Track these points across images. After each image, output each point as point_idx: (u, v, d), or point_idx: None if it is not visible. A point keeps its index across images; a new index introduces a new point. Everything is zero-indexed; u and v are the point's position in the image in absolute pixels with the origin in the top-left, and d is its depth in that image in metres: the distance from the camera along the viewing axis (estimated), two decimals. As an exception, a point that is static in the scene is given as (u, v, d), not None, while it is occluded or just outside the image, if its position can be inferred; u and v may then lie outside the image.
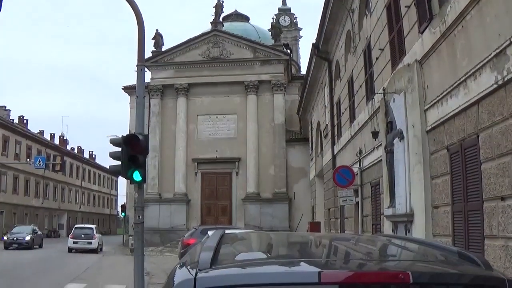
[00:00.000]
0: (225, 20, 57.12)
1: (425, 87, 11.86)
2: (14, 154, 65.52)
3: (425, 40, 11.48)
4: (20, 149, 67.42)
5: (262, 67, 49.40)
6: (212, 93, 49.33)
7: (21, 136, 68.27)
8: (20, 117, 74.11)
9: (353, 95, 21.70)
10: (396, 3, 14.09)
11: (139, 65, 13.80)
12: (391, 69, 14.93)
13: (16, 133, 66.97)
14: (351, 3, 21.04)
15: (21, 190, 68.25)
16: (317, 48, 28.34)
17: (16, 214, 66.20)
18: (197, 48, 50.33)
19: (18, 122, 72.11)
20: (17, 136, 67.19)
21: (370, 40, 18.03)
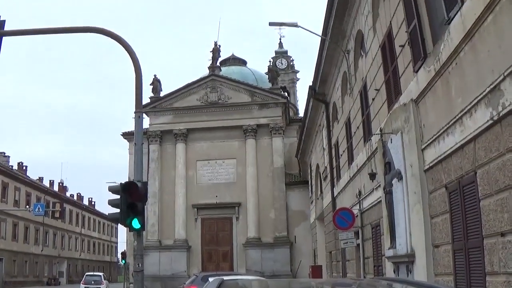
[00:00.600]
0: (223, 64, 57.69)
1: (422, 126, 11.85)
2: (13, 200, 65.29)
3: (420, 79, 11.51)
4: (19, 196, 67.16)
5: (260, 111, 49.63)
6: (210, 138, 49.50)
7: (20, 183, 68.08)
8: (19, 164, 74.21)
9: (351, 136, 21.71)
10: (390, 43, 14.18)
11: (137, 112, 13.86)
12: (388, 109, 14.94)
13: (15, 180, 66.78)
14: (346, 44, 21.21)
15: (21, 237, 67.76)
16: (314, 90, 28.47)
17: (16, 262, 65.70)
18: (195, 93, 50.66)
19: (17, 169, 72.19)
20: (17, 182, 66.99)
21: (366, 81, 18.10)
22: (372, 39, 16.56)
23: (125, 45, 13.99)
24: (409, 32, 12.01)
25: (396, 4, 13.16)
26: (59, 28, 15.12)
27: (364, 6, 17.37)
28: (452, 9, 9.15)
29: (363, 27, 17.99)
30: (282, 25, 23.41)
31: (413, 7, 11.48)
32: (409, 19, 11.96)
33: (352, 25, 19.83)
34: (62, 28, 15.10)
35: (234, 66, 61.12)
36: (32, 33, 15.36)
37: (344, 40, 21.41)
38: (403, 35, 12.66)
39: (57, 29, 15.16)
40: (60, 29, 15.20)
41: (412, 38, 11.80)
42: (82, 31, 14.99)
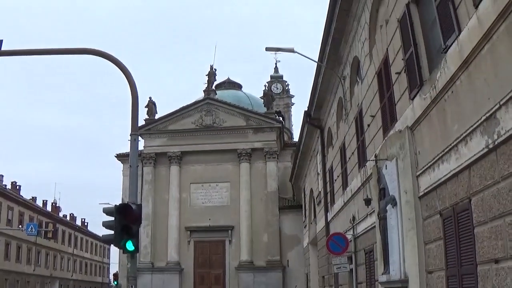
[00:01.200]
0: (218, 88, 57.91)
1: (417, 153, 11.90)
2: (6, 220, 64.80)
3: (415, 106, 11.58)
4: (12, 215, 66.64)
5: (255, 135, 49.74)
6: (205, 161, 49.56)
7: (14, 202, 67.59)
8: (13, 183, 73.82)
9: (345, 162, 21.75)
10: (386, 70, 14.28)
11: (133, 134, 13.89)
12: (383, 135, 15.00)
13: (8, 199, 66.30)
14: (342, 70, 21.34)
15: (13, 256, 67.19)
16: (309, 115, 28.57)
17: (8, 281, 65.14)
18: (190, 116, 50.80)
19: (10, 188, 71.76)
20: (10, 202, 66.50)
21: (361, 107, 18.17)
22: (368, 66, 16.68)
23: (123, 68, 14.03)
24: (405, 59, 12.10)
25: (393, 32, 13.29)
26: (57, 49, 15.17)
27: (361, 33, 17.51)
28: (449, 37, 9.24)
29: (359, 53, 18.12)
30: (279, 50, 23.51)
31: (410, 35, 11.59)
32: (405, 46, 12.07)
33: (348, 52, 19.98)
34: (60, 49, 15.15)
35: (230, 90, 61.34)
36: (30, 53, 15.38)
37: (340, 66, 21.56)
38: (399, 63, 12.76)
39: (55, 50, 15.21)
40: (58, 50, 15.25)
41: (409, 65, 11.89)
42: (80, 52, 15.02)
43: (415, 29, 11.49)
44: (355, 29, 18.44)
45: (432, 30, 10.77)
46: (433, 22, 10.52)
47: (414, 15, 11.59)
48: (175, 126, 50.80)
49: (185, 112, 51.09)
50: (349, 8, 18.09)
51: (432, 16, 10.52)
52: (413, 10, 11.64)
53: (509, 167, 7.33)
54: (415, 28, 11.50)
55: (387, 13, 14.05)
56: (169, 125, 50.97)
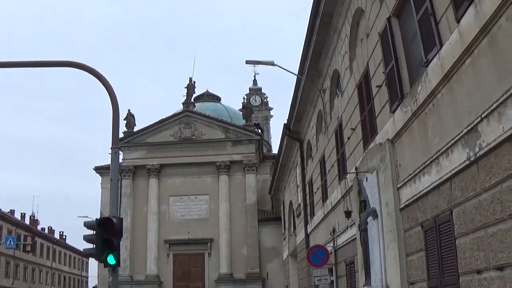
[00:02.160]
0: (197, 100, 57.96)
1: (398, 166, 11.97)
2: (-15, 233, 64.21)
3: (396, 119, 11.67)
4: (-10, 228, 66.10)
5: (233, 148, 49.79)
6: (184, 174, 49.44)
7: (-8, 215, 67.03)
8: (-10, 196, 73.16)
9: (325, 174, 21.82)
10: (367, 83, 14.38)
11: (113, 148, 13.83)
12: (363, 148, 15.08)
13: (-14, 212, 65.73)
14: (322, 83, 21.44)
15: (-9, 269, 66.58)
16: (289, 128, 28.65)
17: (-14, 294, 64.47)
18: (169, 129, 50.74)
19: (-12, 201, 71.17)
20: (-13, 215, 65.94)
21: (341, 120, 18.26)
22: (348, 79, 16.79)
23: (104, 82, 13.99)
24: (386, 73, 12.20)
25: (373, 45, 13.41)
26: (39, 62, 15.09)
27: (341, 46, 17.63)
28: (431, 51, 9.35)
29: (339, 66, 18.23)
30: (259, 63, 23.58)
31: (391, 49, 11.70)
32: (386, 60, 12.18)
33: (328, 65, 20.09)
34: (42, 62, 15.07)
35: (209, 102, 61.37)
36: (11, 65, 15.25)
37: (320, 79, 21.66)
38: (380, 76, 12.86)
39: (37, 63, 15.12)
40: (40, 63, 15.17)
41: (389, 79, 11.99)
42: (63, 65, 14.95)
43: (396, 43, 11.60)
44: (335, 42, 18.56)
45: (413, 43, 10.89)
46: (414, 36, 10.64)
47: (395, 28, 11.71)
48: (154, 138, 50.68)
49: (164, 124, 51.00)
50: (329, 22, 18.21)
51: (413, 30, 10.64)
52: (394, 23, 11.76)
53: (490, 179, 7.42)
54: (396, 42, 11.61)
55: (368, 27, 14.17)
56: (147, 138, 50.83)
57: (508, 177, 6.93)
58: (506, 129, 6.86)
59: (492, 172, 7.39)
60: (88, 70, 14.14)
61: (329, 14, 17.85)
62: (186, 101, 52.31)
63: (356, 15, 15.66)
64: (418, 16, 9.95)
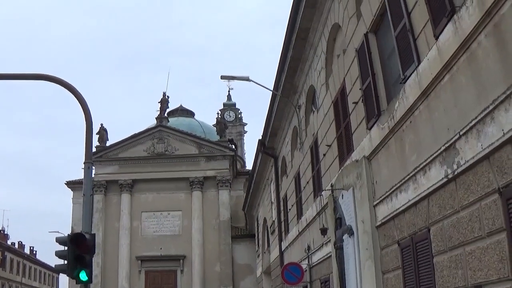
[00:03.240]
0: (171, 115, 57.89)
1: (374, 183, 11.96)
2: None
3: (373, 136, 11.66)
4: (-41, 243, 65.29)
5: (207, 163, 49.74)
6: (156, 190, 49.20)
7: (-40, 230, 66.23)
8: (-41, 211, 72.45)
9: (300, 191, 21.79)
10: (343, 100, 14.39)
11: (86, 162, 13.67)
12: (339, 165, 15.07)
13: (-46, 227, 64.89)
14: (298, 99, 21.45)
15: (-41, 285, 65.65)
16: (263, 144, 28.62)
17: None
18: (142, 144, 50.55)
19: (-43, 215, 70.37)
20: (-44, 229, 65.13)
21: (317, 136, 18.27)
22: (324, 95, 16.80)
23: (78, 95, 13.82)
24: (363, 89, 12.21)
25: (350, 61, 13.42)
26: (11, 75, 14.85)
27: (318, 62, 17.65)
28: (408, 68, 9.36)
29: (315, 82, 18.25)
30: (234, 78, 23.57)
31: (368, 65, 11.71)
32: (363, 76, 12.20)
33: (304, 81, 20.12)
34: (15, 74, 14.85)
35: (182, 117, 61.26)
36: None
37: (296, 95, 21.68)
38: (356, 92, 12.87)
39: (9, 75, 14.87)
40: (12, 76, 14.93)
41: (366, 95, 12.00)
42: (36, 78, 14.74)
43: (373, 59, 11.61)
44: (311, 58, 18.59)
45: (390, 60, 10.92)
46: (391, 52, 10.67)
47: (373, 45, 11.74)
48: (127, 153, 50.42)
49: (137, 139, 50.81)
50: (306, 37, 18.23)
51: (390, 46, 10.67)
52: (372, 40, 11.79)
53: (468, 197, 7.41)
54: (373, 58, 11.62)
55: (344, 43, 14.20)
56: (120, 153, 50.55)
57: (487, 195, 6.92)
58: (485, 147, 6.85)
59: (470, 190, 7.38)
60: (63, 84, 13.96)
61: (306, 29, 17.88)
62: (160, 116, 52.21)
63: (333, 30, 15.69)
64: (396, 32, 9.96)
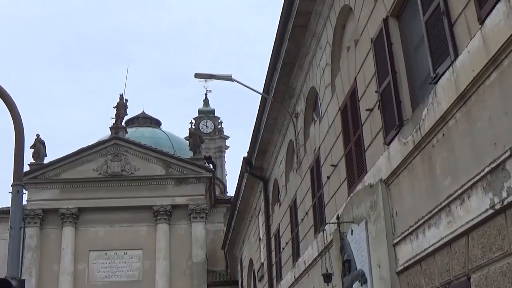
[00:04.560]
0: (130, 124, 58.07)
1: (394, 215, 11.89)
2: None
3: (392, 154, 11.58)
4: None
5: (177, 188, 49.60)
6: (110, 221, 48.96)
7: None
8: None
9: (297, 225, 21.76)
10: (354, 106, 14.31)
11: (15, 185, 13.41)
12: (348, 191, 15.05)
13: None
14: (295, 105, 21.38)
15: None
16: (250, 163, 28.54)
17: None
18: (92, 161, 50.27)
19: None
20: None
21: (319, 154, 18.25)
22: (329, 100, 16.76)
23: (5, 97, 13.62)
24: (380, 92, 12.13)
25: (364, 55, 13.33)
26: None
27: (321, 57, 17.60)
28: (441, 63, 9.24)
29: (317, 83, 18.23)
30: (212, 78, 23.42)
31: (387, 60, 11.60)
32: (381, 75, 12.11)
33: (303, 81, 20.11)
34: None
35: (145, 127, 61.23)
36: None
37: (292, 99, 21.65)
38: (371, 96, 12.81)
39: None
40: None
41: (384, 100, 11.91)
42: None
43: (395, 52, 11.56)
44: (313, 51, 18.57)
45: (417, 53, 10.89)
46: (419, 43, 10.64)
47: (394, 33, 11.68)
48: (71, 173, 50.08)
49: (85, 155, 50.50)
50: (306, 24, 18.22)
51: (418, 35, 10.64)
52: (393, 27, 11.73)
53: (523, 234, 7.29)
54: (395, 51, 11.56)
55: (357, 31, 14.18)
56: (63, 173, 50.22)
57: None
58: (546, 168, 6.71)
59: (526, 225, 7.26)
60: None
61: (306, 13, 17.84)
62: (115, 125, 51.95)
63: (342, 15, 15.70)
64: (425, 16, 9.88)
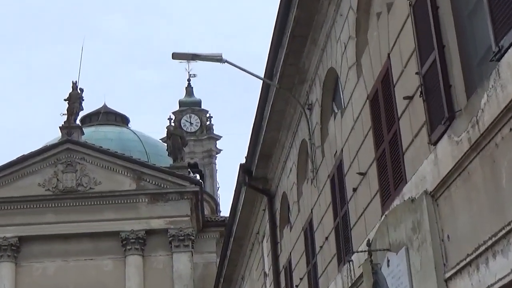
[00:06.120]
0: (87, 122, 58.27)
1: (445, 239, 11.81)
2: None
3: (441, 157, 11.50)
4: None
5: (152, 207, 49.68)
6: (62, 254, 49.21)
7: None
8: None
9: (314, 254, 21.77)
10: (387, 93, 14.21)
11: None
12: (381, 208, 15.01)
13: None
14: (307, 93, 21.32)
15: None
16: (249, 172, 28.46)
17: None
18: (36, 173, 50.35)
19: None
20: None
21: (341, 158, 18.24)
22: (354, 85, 16.73)
23: None
24: (422, 74, 12.03)
25: (400, 24, 13.26)
26: None
27: (342, 28, 17.53)
28: (507, 33, 9.14)
29: (338, 63, 18.19)
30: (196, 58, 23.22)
31: (431, 30, 11.51)
32: (423, 50, 12.02)
33: (318, 60, 20.08)
34: None
35: (108, 126, 61.14)
36: None
37: (304, 86, 21.64)
38: (411, 79, 12.75)
39: None
40: None
41: (428, 84, 11.83)
42: None
43: (442, 19, 11.44)
44: (331, 19, 18.51)
45: (473, 20, 10.81)
46: (476, 7, 10.55)
47: (440, -6, 11.58)
48: (8, 190, 50.27)
49: (27, 165, 50.62)
50: (321, -18, 18.21)
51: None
52: (439, -16, 11.64)
53: None
54: (442, 18, 11.45)
55: (390, -8, 14.08)
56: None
57: None
58: None
59: None
60: None
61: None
62: (67, 124, 51.66)
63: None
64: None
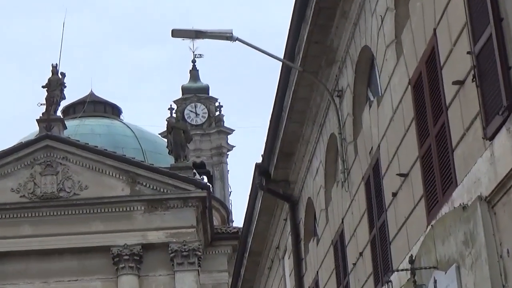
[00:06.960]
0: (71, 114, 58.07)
1: (504, 254, 11.76)
2: None
3: (498, 155, 11.45)
4: None
5: (149, 216, 49.71)
6: (42, 275, 49.31)
7: None
8: None
9: (346, 273, 21.81)
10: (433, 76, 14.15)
11: None
12: (427, 216, 15.00)
13: None
14: (337, 77, 21.27)
15: None
16: (267, 174, 28.39)
17: None
18: (9, 176, 50.39)
19: None
20: None
21: (378, 156, 18.23)
22: (393, 68, 16.72)
23: None
24: (475, 53, 11.98)
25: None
26: None
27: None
28: None
29: (373, 41, 18.22)
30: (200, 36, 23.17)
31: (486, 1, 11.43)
32: (476, 25, 11.98)
33: (349, 38, 20.11)
34: None
35: (96, 118, 60.87)
36: None
37: (332, 68, 21.63)
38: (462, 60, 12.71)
39: None
40: None
41: (483, 66, 11.77)
42: None
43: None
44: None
45: None
46: None
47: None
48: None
49: (0, 166, 50.50)
50: None
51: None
52: None
53: None
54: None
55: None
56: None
57: None
58: None
59: None
60: None
61: None
62: (47, 116, 51.41)
63: None
64: None
